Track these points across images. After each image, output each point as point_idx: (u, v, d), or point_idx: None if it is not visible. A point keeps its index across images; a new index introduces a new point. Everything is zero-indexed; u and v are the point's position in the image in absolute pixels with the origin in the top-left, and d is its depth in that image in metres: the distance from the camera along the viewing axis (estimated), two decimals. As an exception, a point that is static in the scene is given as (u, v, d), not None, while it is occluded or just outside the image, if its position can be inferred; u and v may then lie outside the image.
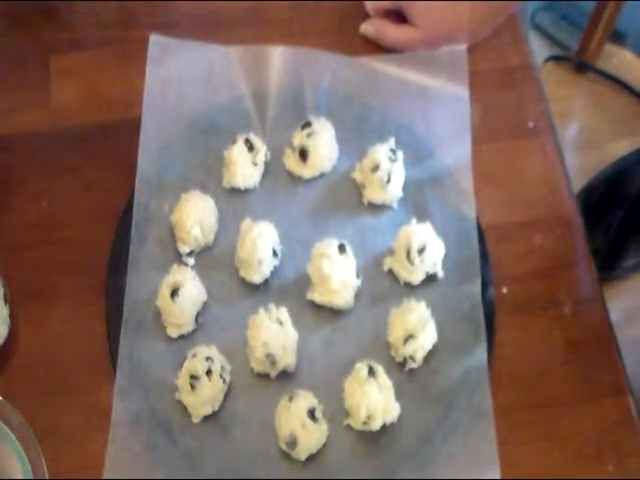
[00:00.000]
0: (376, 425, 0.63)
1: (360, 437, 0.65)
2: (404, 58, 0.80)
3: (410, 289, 0.70)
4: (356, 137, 0.76)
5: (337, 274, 0.67)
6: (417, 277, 0.70)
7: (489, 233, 0.73)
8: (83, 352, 0.68)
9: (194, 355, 0.65)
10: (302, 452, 0.63)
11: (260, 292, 0.70)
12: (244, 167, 0.73)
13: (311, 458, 0.63)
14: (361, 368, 0.65)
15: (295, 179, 0.75)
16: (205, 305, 0.69)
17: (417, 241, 0.68)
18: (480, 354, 0.67)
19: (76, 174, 0.76)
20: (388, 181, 0.72)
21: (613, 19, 1.34)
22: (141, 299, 0.69)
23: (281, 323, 0.66)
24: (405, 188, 0.73)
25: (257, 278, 0.69)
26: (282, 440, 0.63)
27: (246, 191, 0.74)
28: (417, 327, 0.66)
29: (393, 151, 0.73)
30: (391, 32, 0.80)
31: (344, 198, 0.75)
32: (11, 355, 0.68)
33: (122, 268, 0.70)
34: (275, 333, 0.65)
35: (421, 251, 0.68)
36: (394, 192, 0.73)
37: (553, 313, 0.71)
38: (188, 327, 0.68)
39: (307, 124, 0.74)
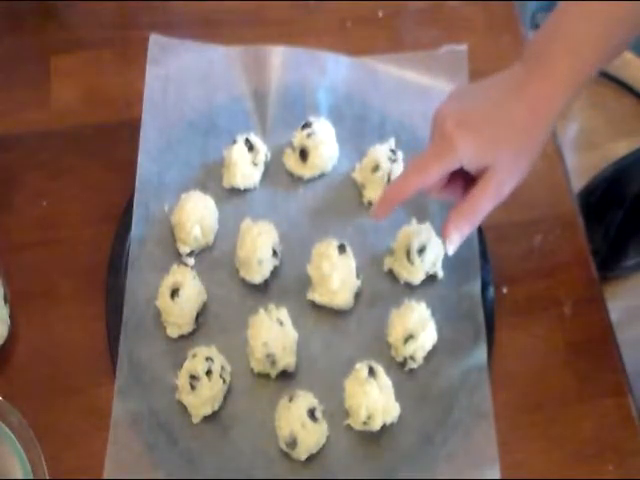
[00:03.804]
0: (376, 425, 0.63)
1: (360, 437, 0.65)
2: (404, 58, 0.80)
3: (410, 289, 0.70)
4: (356, 137, 0.76)
5: (337, 274, 0.67)
6: (417, 277, 0.70)
7: (489, 233, 0.73)
8: (83, 352, 0.68)
9: (194, 355, 0.65)
10: (302, 452, 0.63)
11: (260, 292, 0.70)
12: (244, 167, 0.73)
13: (311, 458, 0.63)
14: (361, 368, 0.65)
15: (295, 179, 0.75)
16: (205, 305, 0.69)
17: (417, 241, 0.69)
18: (480, 354, 0.67)
19: (76, 174, 0.76)
20: (388, 181, 0.72)
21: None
22: (141, 299, 0.69)
23: (281, 323, 0.66)
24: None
25: (257, 278, 0.69)
26: (282, 440, 0.63)
27: (246, 191, 0.74)
28: (417, 327, 0.66)
29: (393, 151, 0.73)
30: (485, 203, 0.60)
31: (344, 198, 0.75)
32: (11, 355, 0.68)
33: (122, 268, 0.70)
34: (275, 333, 0.65)
35: (421, 251, 0.68)
36: (394, 192, 0.73)
37: (553, 313, 0.71)
38: (188, 327, 0.68)
39: (307, 124, 0.74)
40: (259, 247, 0.68)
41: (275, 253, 0.70)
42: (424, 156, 0.60)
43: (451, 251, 0.61)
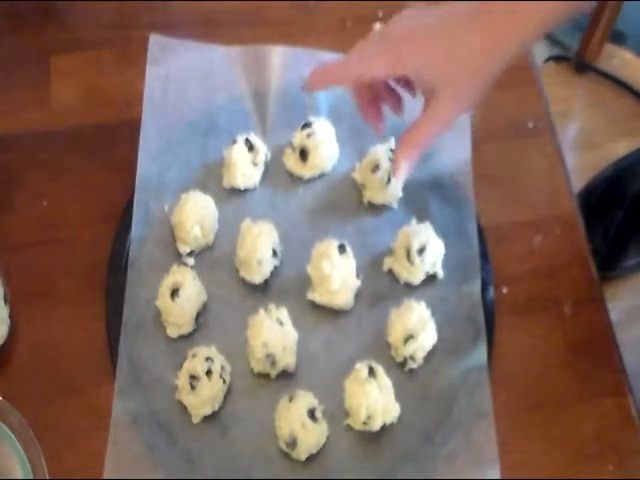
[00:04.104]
0: (376, 425, 0.63)
1: (360, 437, 0.65)
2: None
3: (410, 289, 0.70)
4: (356, 137, 0.76)
5: (337, 274, 0.67)
6: (417, 277, 0.70)
7: (489, 233, 0.73)
8: (83, 352, 0.68)
9: (194, 355, 0.65)
10: (302, 452, 0.63)
11: (260, 292, 0.70)
12: (244, 167, 0.73)
13: (311, 458, 0.63)
14: (361, 368, 0.65)
15: (295, 179, 0.75)
16: (205, 305, 0.69)
17: (417, 241, 0.69)
18: (480, 354, 0.67)
19: (76, 174, 0.76)
20: (388, 181, 0.72)
21: (613, 19, 1.34)
22: (141, 299, 0.69)
23: (281, 323, 0.66)
24: (405, 188, 0.73)
25: (257, 278, 0.69)
26: (282, 440, 0.63)
27: (246, 191, 0.74)
28: (417, 327, 0.66)
29: (393, 151, 0.73)
30: (428, 130, 0.61)
31: (344, 198, 0.75)
32: (11, 355, 0.68)
33: (122, 268, 0.70)
34: (275, 333, 0.65)
35: (421, 251, 0.68)
36: (394, 192, 0.73)
37: (553, 313, 0.71)
38: (188, 327, 0.68)
39: (307, 124, 0.74)
40: (259, 247, 0.68)
41: (275, 253, 0.70)
42: (370, 50, 0.60)
43: (398, 181, 0.64)
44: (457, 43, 0.57)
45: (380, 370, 0.65)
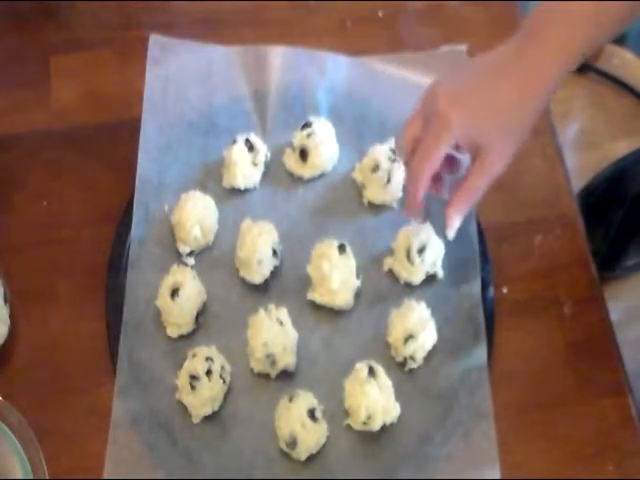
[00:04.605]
0: (376, 425, 0.63)
1: (360, 437, 0.65)
2: (404, 58, 0.80)
3: (410, 289, 0.70)
4: (356, 137, 0.76)
5: (337, 274, 0.67)
6: (417, 277, 0.70)
7: (489, 233, 0.73)
8: (83, 352, 0.68)
9: (194, 355, 0.65)
10: (302, 452, 0.63)
11: (260, 292, 0.70)
12: (244, 167, 0.73)
13: (311, 458, 0.63)
14: (361, 368, 0.65)
15: (295, 179, 0.75)
16: (205, 305, 0.69)
17: (417, 241, 0.69)
18: (480, 354, 0.67)
19: (76, 174, 0.76)
20: (388, 181, 0.72)
21: (613, 19, 1.34)
22: (141, 299, 0.69)
23: (281, 323, 0.66)
24: (405, 188, 0.73)
25: (257, 278, 0.69)
26: (282, 440, 0.63)
27: (246, 191, 0.74)
28: (417, 327, 0.66)
29: (393, 151, 0.73)
30: (480, 183, 0.61)
31: (344, 198, 0.75)
32: (11, 355, 0.68)
33: (122, 268, 0.70)
34: (275, 333, 0.65)
35: (421, 251, 0.68)
36: (394, 192, 0.73)
37: (553, 313, 0.71)
38: (188, 327, 0.68)
39: (307, 124, 0.74)
40: (259, 247, 0.68)
41: (275, 253, 0.70)
42: (425, 141, 0.61)
43: (451, 236, 0.63)
44: (495, 97, 0.58)
45: (380, 370, 0.65)
